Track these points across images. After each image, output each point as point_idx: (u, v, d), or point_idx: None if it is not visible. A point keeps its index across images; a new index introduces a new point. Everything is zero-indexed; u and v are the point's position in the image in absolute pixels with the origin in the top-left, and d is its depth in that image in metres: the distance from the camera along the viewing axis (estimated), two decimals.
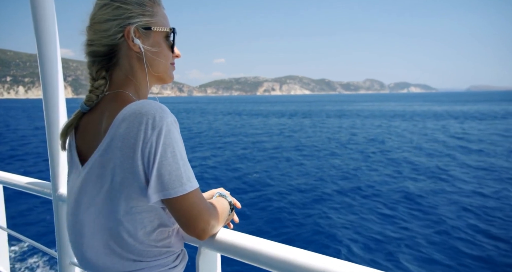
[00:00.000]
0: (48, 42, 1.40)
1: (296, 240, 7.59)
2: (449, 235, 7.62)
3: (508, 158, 16.13)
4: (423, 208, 9.36)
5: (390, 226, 8.21)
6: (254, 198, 10.45)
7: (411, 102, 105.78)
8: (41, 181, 1.73)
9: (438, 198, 10.10)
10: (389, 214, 8.97)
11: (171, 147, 0.79)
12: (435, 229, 7.95)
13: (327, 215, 8.96)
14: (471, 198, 10.06)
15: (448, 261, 6.56)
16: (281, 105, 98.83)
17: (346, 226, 8.23)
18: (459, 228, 7.94)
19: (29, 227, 8.31)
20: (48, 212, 9.05)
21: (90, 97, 0.93)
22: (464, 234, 7.64)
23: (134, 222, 0.83)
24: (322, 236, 7.80)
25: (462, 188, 11.20)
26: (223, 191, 1.14)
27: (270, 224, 8.49)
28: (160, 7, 0.97)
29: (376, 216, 8.88)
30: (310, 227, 8.27)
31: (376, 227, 8.15)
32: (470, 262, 6.52)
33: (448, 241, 7.35)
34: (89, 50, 0.94)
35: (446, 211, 9.05)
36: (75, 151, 0.95)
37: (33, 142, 24.19)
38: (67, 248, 1.53)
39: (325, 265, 0.80)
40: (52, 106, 1.45)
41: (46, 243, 1.79)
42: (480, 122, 34.62)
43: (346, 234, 7.81)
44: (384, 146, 20.27)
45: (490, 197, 10.17)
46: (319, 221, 8.60)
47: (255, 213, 9.21)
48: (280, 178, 13.03)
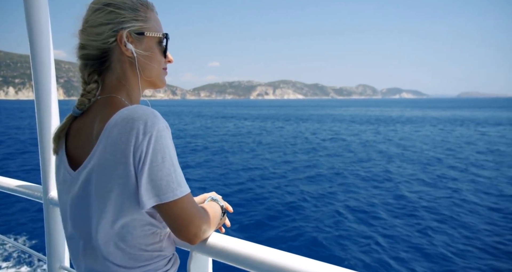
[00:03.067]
0: (41, 43, 1.39)
1: (288, 245, 7.59)
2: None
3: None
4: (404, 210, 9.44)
5: (381, 230, 8.26)
6: (243, 200, 10.43)
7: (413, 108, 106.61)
8: (31, 184, 1.71)
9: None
10: (380, 217, 9.03)
11: (162, 153, 0.79)
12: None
13: (318, 220, 8.97)
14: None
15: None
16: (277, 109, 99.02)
17: (337, 231, 8.25)
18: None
19: (18, 231, 8.19)
20: (38, 215, 8.93)
21: (82, 101, 0.93)
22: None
23: (125, 227, 0.83)
24: (313, 241, 7.82)
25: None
26: (215, 195, 1.15)
27: (260, 228, 8.49)
28: (153, 13, 0.98)
29: (368, 221, 8.93)
30: (302, 231, 8.27)
31: (367, 233, 8.19)
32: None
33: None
34: (81, 53, 0.94)
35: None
36: (65, 156, 0.95)
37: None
38: (57, 252, 1.52)
39: (316, 270, 0.81)
40: (44, 108, 1.44)
41: (35, 247, 1.77)
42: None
43: (338, 239, 7.83)
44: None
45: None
46: (309, 225, 8.62)
47: (246, 217, 9.19)
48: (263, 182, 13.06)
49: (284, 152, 20.23)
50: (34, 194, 1.64)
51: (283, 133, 31.34)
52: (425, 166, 15.84)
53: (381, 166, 15.99)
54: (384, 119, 51.27)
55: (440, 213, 9.39)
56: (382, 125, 40.62)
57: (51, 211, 1.51)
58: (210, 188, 12.17)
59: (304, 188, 12.06)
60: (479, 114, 66.14)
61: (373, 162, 16.91)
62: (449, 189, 11.86)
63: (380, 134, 30.54)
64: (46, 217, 1.51)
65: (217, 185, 12.76)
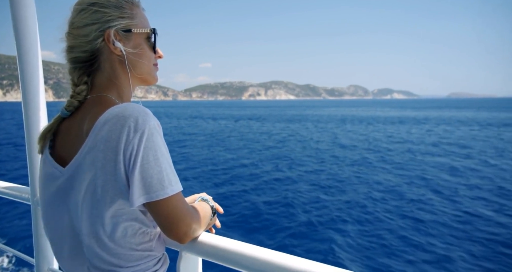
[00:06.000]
0: (28, 44, 1.38)
1: (278, 244, 7.60)
2: None
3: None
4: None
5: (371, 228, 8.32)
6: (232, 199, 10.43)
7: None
8: (19, 186, 1.69)
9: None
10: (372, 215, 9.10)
11: (153, 150, 0.79)
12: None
13: (310, 219, 9.00)
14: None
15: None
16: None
17: (331, 229, 8.29)
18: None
19: (5, 233, 8.05)
20: (26, 218, 8.81)
21: (72, 102, 0.92)
22: None
23: (115, 225, 0.82)
24: (305, 239, 7.84)
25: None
26: (205, 195, 1.14)
27: (251, 228, 8.48)
28: (139, 9, 0.97)
29: (359, 218, 8.99)
30: (292, 231, 8.29)
31: (358, 231, 8.24)
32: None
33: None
34: (70, 56, 0.93)
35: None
36: (50, 156, 0.93)
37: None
38: (45, 254, 1.50)
39: (306, 269, 0.81)
40: (32, 109, 1.42)
41: (23, 249, 1.75)
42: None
43: (330, 237, 7.87)
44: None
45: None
46: (300, 224, 8.64)
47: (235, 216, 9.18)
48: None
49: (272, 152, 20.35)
50: (22, 195, 1.62)
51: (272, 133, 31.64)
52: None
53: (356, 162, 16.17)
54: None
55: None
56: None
57: (39, 213, 1.49)
58: (200, 189, 12.16)
59: (292, 187, 12.10)
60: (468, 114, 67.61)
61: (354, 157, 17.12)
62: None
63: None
64: (34, 219, 1.49)
65: (206, 186, 12.74)
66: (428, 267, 6.60)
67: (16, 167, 16.35)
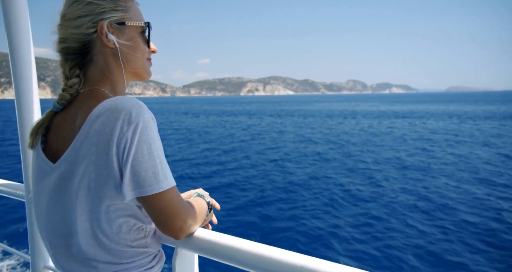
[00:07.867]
0: (21, 40, 1.36)
1: (275, 240, 7.63)
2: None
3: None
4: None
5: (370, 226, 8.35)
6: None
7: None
8: (13, 183, 1.67)
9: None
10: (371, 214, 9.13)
11: (147, 144, 0.77)
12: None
13: (305, 215, 9.03)
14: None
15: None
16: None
17: (326, 225, 8.31)
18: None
19: (1, 231, 8.06)
20: (20, 215, 8.80)
21: (64, 95, 0.91)
22: None
23: (109, 221, 0.81)
24: (301, 235, 7.87)
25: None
26: (201, 191, 1.13)
27: (248, 224, 8.51)
28: (133, 2, 0.96)
29: (355, 216, 9.01)
30: (288, 226, 8.31)
31: (357, 226, 8.27)
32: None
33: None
34: (61, 47, 0.91)
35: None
36: (41, 152, 0.91)
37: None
38: (40, 251, 1.49)
39: (302, 264, 0.80)
40: (25, 106, 1.41)
41: (18, 246, 1.74)
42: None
43: (326, 232, 7.89)
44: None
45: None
46: (296, 220, 8.67)
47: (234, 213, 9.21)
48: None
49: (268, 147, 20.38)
50: (16, 192, 1.60)
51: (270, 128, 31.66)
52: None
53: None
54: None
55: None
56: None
57: (33, 210, 1.48)
58: (197, 185, 12.18)
59: (289, 184, 12.13)
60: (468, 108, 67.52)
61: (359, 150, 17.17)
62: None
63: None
64: (29, 216, 1.48)
65: (203, 182, 12.75)
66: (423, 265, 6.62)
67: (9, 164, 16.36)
